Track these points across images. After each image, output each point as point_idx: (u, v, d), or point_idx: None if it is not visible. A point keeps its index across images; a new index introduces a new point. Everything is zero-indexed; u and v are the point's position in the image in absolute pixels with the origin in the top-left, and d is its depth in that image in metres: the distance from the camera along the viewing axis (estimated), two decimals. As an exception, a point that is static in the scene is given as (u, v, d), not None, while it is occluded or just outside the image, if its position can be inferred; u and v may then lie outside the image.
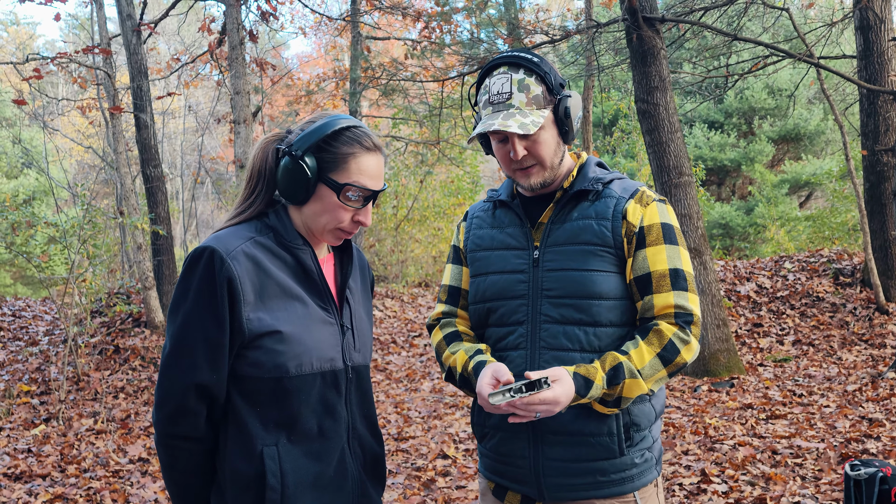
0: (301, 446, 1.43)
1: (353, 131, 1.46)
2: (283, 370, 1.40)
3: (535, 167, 1.61)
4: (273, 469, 1.39)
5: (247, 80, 7.64)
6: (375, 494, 1.57)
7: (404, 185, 13.56)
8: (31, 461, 4.68)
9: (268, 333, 1.39)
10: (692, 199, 6.24)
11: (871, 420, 4.68)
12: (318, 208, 1.46)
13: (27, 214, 6.94)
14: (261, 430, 1.40)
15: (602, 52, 8.79)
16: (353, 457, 1.51)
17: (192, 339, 1.38)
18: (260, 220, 1.50)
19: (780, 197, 15.32)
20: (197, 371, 1.38)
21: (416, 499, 3.89)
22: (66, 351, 6.33)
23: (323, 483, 1.44)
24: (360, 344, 1.55)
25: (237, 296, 1.38)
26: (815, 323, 7.52)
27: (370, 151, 1.47)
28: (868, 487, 2.69)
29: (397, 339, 8.41)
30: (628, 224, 1.59)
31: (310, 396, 1.43)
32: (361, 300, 1.61)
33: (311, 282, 1.48)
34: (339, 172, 1.44)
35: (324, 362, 1.45)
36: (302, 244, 1.48)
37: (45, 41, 31.16)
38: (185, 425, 1.40)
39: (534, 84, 1.58)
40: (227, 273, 1.38)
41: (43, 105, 17.10)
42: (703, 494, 3.64)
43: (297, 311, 1.44)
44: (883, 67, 7.29)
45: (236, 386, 1.42)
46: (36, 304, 9.83)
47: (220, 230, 1.47)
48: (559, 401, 1.41)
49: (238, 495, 1.41)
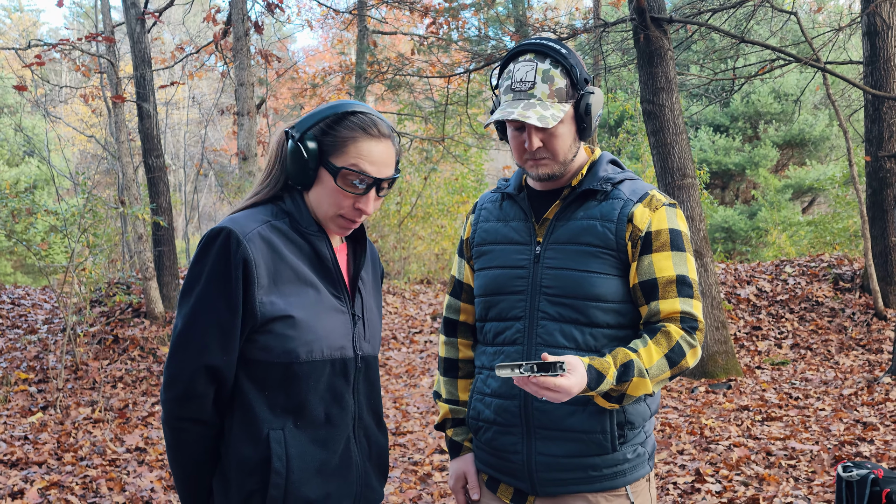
0: (307, 432, 1.42)
1: (358, 116, 1.44)
2: (294, 355, 1.39)
3: (548, 160, 1.59)
4: (279, 453, 1.38)
5: (251, 72, 7.64)
6: (378, 485, 1.57)
7: (408, 182, 13.55)
8: (28, 448, 4.69)
9: (280, 318, 1.38)
10: (695, 202, 6.24)
11: (865, 424, 4.69)
12: (319, 193, 1.45)
13: (27, 202, 6.95)
14: (268, 415, 1.39)
15: (609, 52, 8.78)
16: (358, 446, 1.50)
17: (203, 322, 1.37)
18: (276, 205, 1.49)
19: (784, 202, 15.31)
20: (208, 353, 1.36)
21: (413, 492, 3.90)
22: (64, 340, 6.34)
23: (328, 470, 1.44)
24: (370, 334, 1.54)
25: (252, 278, 1.37)
26: (813, 327, 7.52)
27: (374, 137, 1.44)
28: (860, 489, 2.69)
29: (398, 336, 8.41)
30: (634, 227, 1.56)
31: (318, 383, 1.43)
32: (373, 292, 1.60)
33: (326, 269, 1.47)
34: (337, 156, 1.42)
35: (334, 350, 1.44)
36: (317, 230, 1.47)
37: (49, 28, 31.14)
38: (192, 408, 1.39)
39: (559, 76, 1.55)
40: (244, 255, 1.36)
41: (45, 93, 17.11)
42: (696, 494, 3.65)
43: (310, 297, 1.43)
44: (889, 73, 7.28)
45: (245, 369, 1.41)
46: (35, 292, 9.85)
47: (235, 212, 1.47)
48: (571, 391, 1.37)
49: (243, 480, 1.39)
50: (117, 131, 8.03)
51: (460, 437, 1.77)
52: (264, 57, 8.98)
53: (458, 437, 1.77)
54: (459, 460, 1.76)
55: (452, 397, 1.80)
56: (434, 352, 7.72)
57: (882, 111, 7.47)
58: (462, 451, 1.76)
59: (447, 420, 1.80)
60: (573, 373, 1.38)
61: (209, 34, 14.98)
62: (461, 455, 1.76)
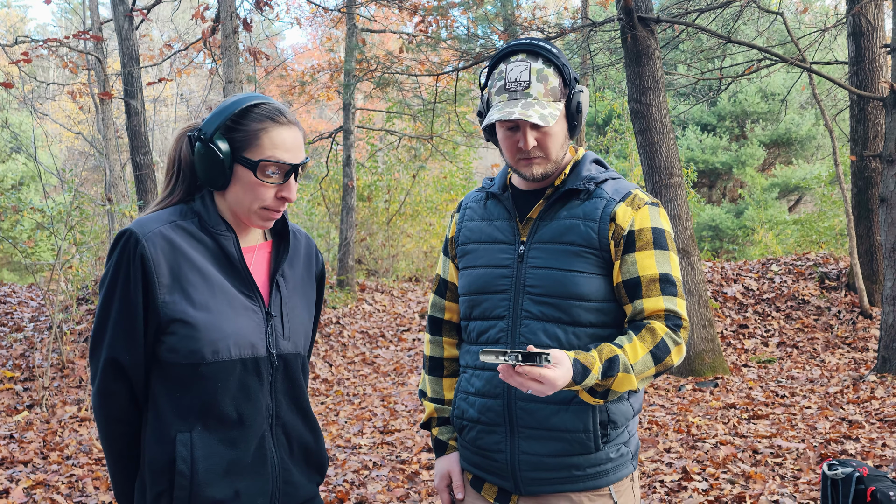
0: (217, 433, 1.43)
1: (262, 107, 1.45)
2: (199, 356, 1.40)
3: (541, 158, 1.60)
4: (184, 455, 1.41)
5: (240, 70, 7.60)
6: (305, 481, 1.56)
7: (397, 180, 13.53)
8: (14, 447, 4.65)
9: (182, 319, 1.40)
10: (682, 200, 6.27)
11: (850, 422, 4.73)
12: (238, 190, 1.45)
13: (13, 199, 6.89)
14: (176, 417, 1.42)
15: (597, 52, 8.80)
16: (275, 444, 1.51)
17: (107, 320, 1.42)
18: (186, 205, 1.49)
19: (770, 200, 15.41)
20: (110, 350, 1.41)
21: (400, 491, 3.90)
22: (51, 338, 6.29)
23: (238, 469, 1.45)
24: (291, 332, 1.53)
25: (151, 278, 1.39)
26: (799, 325, 7.58)
27: (283, 125, 1.44)
28: (844, 487, 2.72)
29: (386, 334, 8.41)
30: (616, 227, 1.57)
31: (228, 383, 1.43)
32: (300, 288, 1.59)
33: (233, 268, 1.47)
34: (252, 150, 1.43)
35: (244, 349, 1.45)
36: (225, 230, 1.47)
37: (37, 25, 30.87)
38: (108, 406, 1.44)
39: (552, 75, 1.56)
40: (141, 254, 1.39)
41: (33, 89, 16.95)
42: (683, 492, 3.67)
43: (217, 296, 1.43)
44: (874, 74, 7.34)
45: (158, 371, 1.44)
46: (21, 290, 9.76)
47: (144, 215, 1.48)
48: (556, 383, 1.37)
49: (154, 479, 1.43)
50: (105, 128, 7.98)
51: (445, 436, 1.78)
52: (253, 54, 8.94)
53: (444, 436, 1.78)
54: (444, 459, 1.77)
55: (438, 396, 1.80)
56: (422, 350, 7.73)
57: (867, 111, 7.54)
58: (447, 449, 1.77)
59: (432, 419, 1.80)
60: (559, 365, 1.39)
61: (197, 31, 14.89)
62: (446, 454, 1.77)
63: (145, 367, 1.44)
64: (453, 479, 1.74)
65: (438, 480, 1.77)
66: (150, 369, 1.45)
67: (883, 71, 7.33)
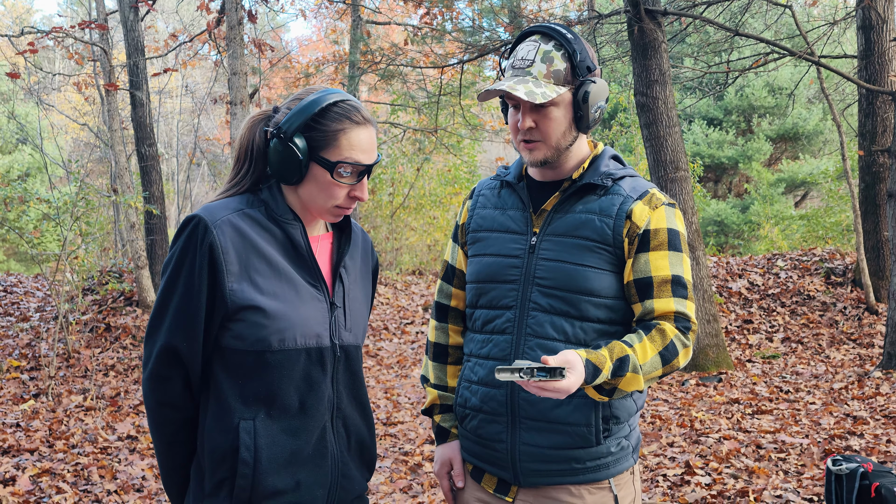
0: (280, 422, 1.43)
1: (341, 106, 1.43)
2: (266, 344, 1.40)
3: (539, 143, 1.58)
4: (248, 443, 1.39)
5: (244, 61, 7.59)
6: (359, 476, 1.56)
7: (401, 173, 13.51)
8: (20, 436, 4.68)
9: (251, 306, 1.39)
10: (687, 195, 6.25)
11: (855, 418, 4.72)
12: (313, 188, 1.45)
13: (20, 190, 6.91)
14: (239, 404, 1.41)
15: (603, 44, 8.76)
16: (335, 436, 1.50)
17: (168, 306, 1.40)
18: (253, 194, 1.49)
19: (777, 196, 15.34)
20: (168, 336, 1.39)
21: (403, 482, 3.91)
22: (56, 328, 6.32)
23: (299, 459, 1.44)
24: (352, 323, 1.53)
25: (219, 265, 1.38)
26: (804, 321, 7.56)
27: (360, 125, 1.44)
28: (849, 482, 2.71)
29: (389, 326, 8.42)
30: (632, 224, 1.56)
31: (292, 372, 1.43)
32: (359, 281, 1.59)
33: (300, 257, 1.47)
34: (330, 150, 1.42)
35: (309, 338, 1.44)
36: (292, 219, 1.47)
37: (43, 16, 30.91)
38: (161, 391, 1.42)
39: (559, 59, 1.54)
40: (210, 241, 1.38)
41: (38, 81, 16.97)
42: (686, 486, 3.67)
43: (284, 285, 1.43)
44: (883, 68, 7.28)
45: (220, 358, 1.43)
46: (28, 280, 9.80)
47: (211, 202, 1.47)
48: (570, 390, 1.38)
49: (214, 468, 1.41)
50: (110, 119, 7.99)
51: (448, 424, 1.78)
52: (258, 46, 8.92)
53: (446, 424, 1.78)
54: (446, 446, 1.77)
55: (441, 383, 1.80)
56: (424, 342, 7.74)
57: (876, 105, 7.49)
58: (449, 437, 1.77)
59: (435, 405, 1.80)
60: (572, 371, 1.38)
61: (203, 23, 14.87)
62: (448, 441, 1.77)
63: (204, 354, 1.42)
64: (454, 467, 1.74)
65: (439, 467, 1.77)
66: (211, 357, 1.43)
67: (892, 65, 7.27)
